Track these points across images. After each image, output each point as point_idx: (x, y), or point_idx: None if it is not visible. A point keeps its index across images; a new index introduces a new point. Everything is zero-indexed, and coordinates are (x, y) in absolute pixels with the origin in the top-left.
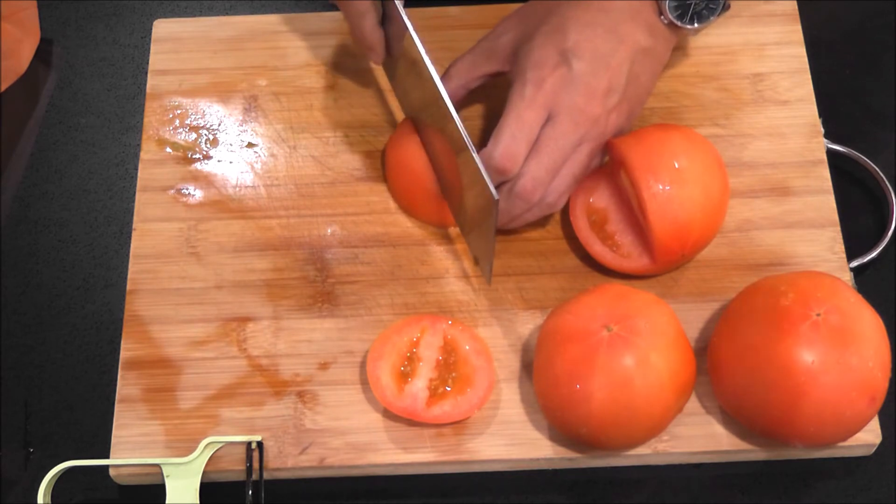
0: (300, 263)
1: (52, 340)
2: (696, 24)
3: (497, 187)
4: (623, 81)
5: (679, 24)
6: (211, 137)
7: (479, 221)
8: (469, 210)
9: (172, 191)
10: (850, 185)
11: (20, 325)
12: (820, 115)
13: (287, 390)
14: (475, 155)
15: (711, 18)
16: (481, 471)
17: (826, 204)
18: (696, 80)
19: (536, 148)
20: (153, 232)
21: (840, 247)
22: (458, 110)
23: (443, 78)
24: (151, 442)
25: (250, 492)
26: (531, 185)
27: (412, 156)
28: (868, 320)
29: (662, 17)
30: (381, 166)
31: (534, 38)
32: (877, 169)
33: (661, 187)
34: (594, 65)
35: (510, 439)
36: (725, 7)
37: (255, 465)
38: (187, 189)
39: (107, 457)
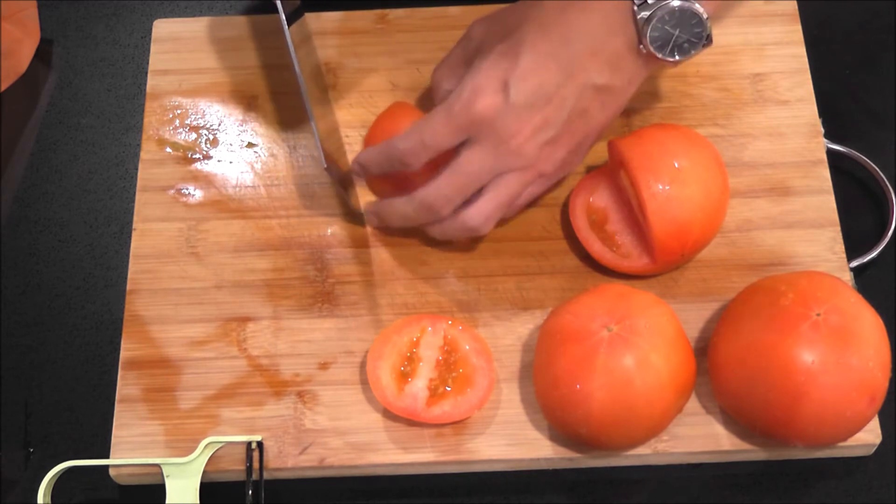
0: (300, 263)
1: (52, 340)
2: (676, 57)
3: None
4: (564, 116)
5: (659, 55)
6: (211, 137)
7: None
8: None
9: (172, 191)
10: (850, 185)
11: (20, 325)
12: (820, 115)
13: (287, 390)
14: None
15: (692, 52)
16: (481, 471)
17: (826, 204)
18: (696, 80)
19: (451, 165)
20: (153, 232)
21: (840, 247)
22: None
23: (433, 87)
24: (151, 442)
25: (250, 492)
26: (439, 201)
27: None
28: (868, 320)
29: (642, 46)
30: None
31: (489, 55)
32: (877, 169)
33: (661, 187)
34: (533, 98)
35: (510, 439)
36: (707, 42)
37: (255, 465)
38: (187, 189)
39: (107, 457)
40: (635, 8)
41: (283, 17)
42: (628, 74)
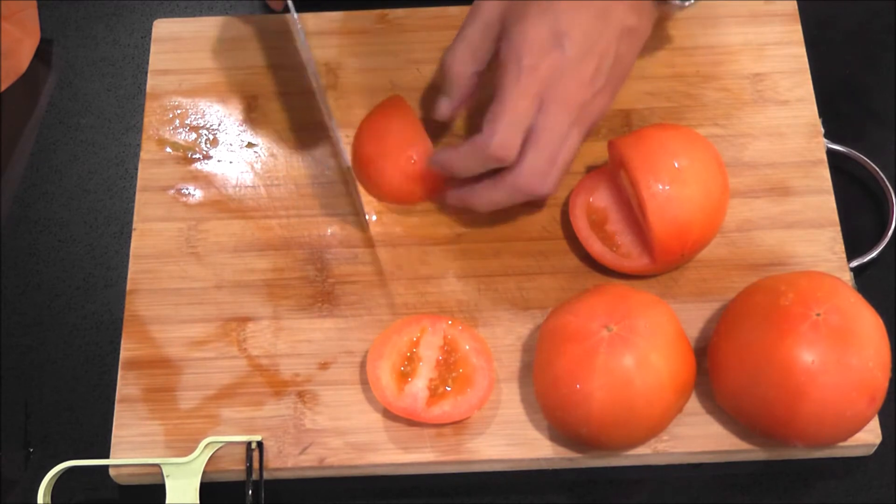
0: (300, 263)
1: (52, 340)
2: (689, 1)
3: (493, 174)
4: (609, 63)
5: (675, 0)
6: (211, 137)
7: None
8: None
9: (172, 191)
10: (850, 185)
11: (20, 325)
12: (820, 115)
13: (287, 390)
14: (335, 133)
15: None
16: (481, 471)
17: (826, 204)
18: (696, 80)
19: (534, 140)
20: (153, 232)
21: (840, 247)
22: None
23: (449, 68)
24: (151, 442)
25: (250, 492)
26: (536, 179)
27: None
28: (868, 320)
29: None
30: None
31: (525, 17)
32: (877, 169)
33: (661, 187)
34: (584, 48)
35: (510, 439)
36: None
37: (255, 465)
38: (187, 189)
39: (107, 457)
40: None
41: (295, 15)
42: (647, 15)
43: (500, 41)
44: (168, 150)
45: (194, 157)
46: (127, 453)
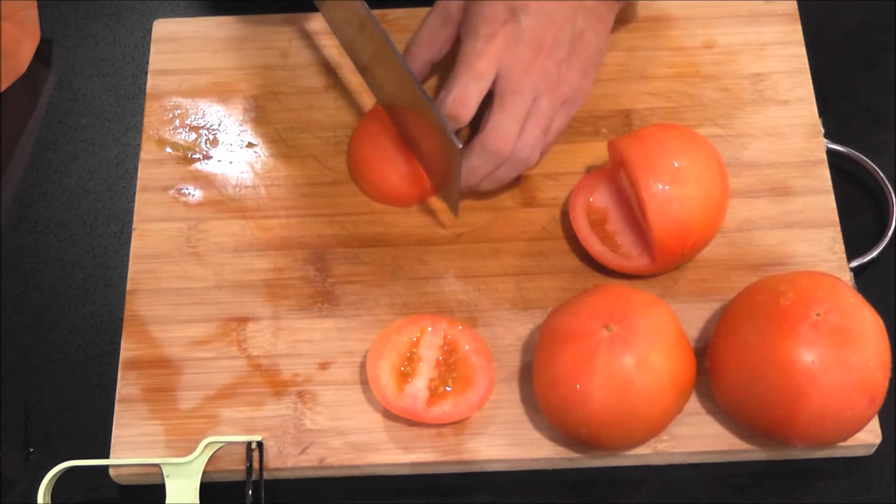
0: (300, 263)
1: (52, 340)
2: None
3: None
4: (568, 35)
5: None
6: (211, 137)
7: (448, 174)
8: (441, 170)
9: (172, 191)
10: (850, 185)
11: (20, 325)
12: (820, 115)
13: (287, 390)
14: (437, 111)
15: None
16: (481, 471)
17: (826, 204)
18: (696, 80)
19: (498, 102)
20: (153, 232)
21: (840, 247)
22: (425, 89)
23: (406, 56)
24: (151, 442)
25: (250, 492)
26: (502, 137)
27: (379, 138)
28: (868, 320)
29: None
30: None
31: None
32: (877, 169)
33: (660, 187)
34: (540, 20)
35: (510, 439)
36: None
37: (255, 465)
38: (187, 189)
39: (107, 457)
40: None
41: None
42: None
43: (460, 27)
44: (168, 150)
45: (194, 157)
46: (127, 453)
